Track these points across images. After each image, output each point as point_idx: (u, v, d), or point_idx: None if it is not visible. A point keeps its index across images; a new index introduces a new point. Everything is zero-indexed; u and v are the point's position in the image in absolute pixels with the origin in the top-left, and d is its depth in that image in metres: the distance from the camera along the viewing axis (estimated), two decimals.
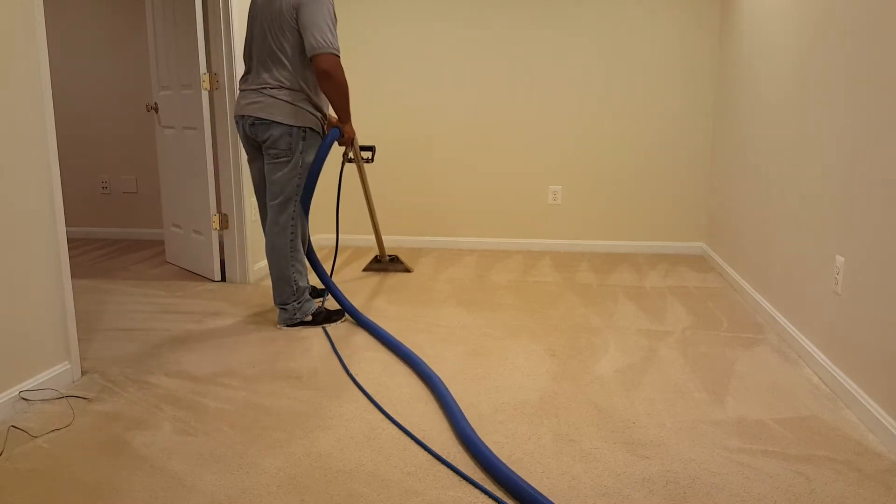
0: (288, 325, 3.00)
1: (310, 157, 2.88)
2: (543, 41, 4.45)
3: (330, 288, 3.08)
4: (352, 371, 2.51)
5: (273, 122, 2.78)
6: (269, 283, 3.79)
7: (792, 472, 1.81)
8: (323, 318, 3.04)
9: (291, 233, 2.91)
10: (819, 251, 2.53)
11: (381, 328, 2.90)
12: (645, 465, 1.85)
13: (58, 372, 2.36)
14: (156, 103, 4.07)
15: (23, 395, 2.20)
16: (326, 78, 2.73)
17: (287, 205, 2.88)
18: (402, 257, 4.32)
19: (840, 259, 2.33)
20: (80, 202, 5.09)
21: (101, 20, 4.84)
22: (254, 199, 3.85)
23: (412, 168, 4.65)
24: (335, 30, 2.75)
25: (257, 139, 2.85)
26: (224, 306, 3.34)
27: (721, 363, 2.59)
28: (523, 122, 4.55)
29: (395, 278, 3.89)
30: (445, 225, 4.73)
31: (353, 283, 3.77)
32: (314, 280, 3.74)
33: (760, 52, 3.37)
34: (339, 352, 2.71)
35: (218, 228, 3.76)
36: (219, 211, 3.83)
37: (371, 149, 3.70)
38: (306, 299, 3.01)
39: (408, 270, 4.06)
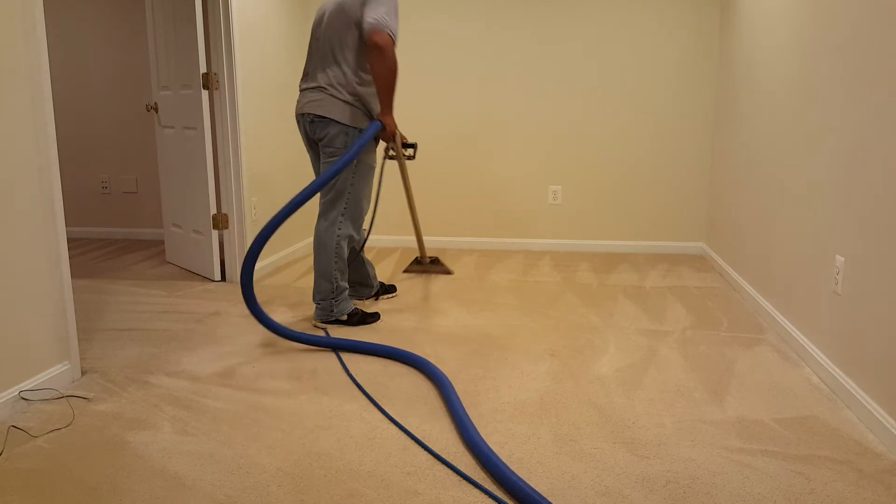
0: (323, 322, 3.01)
1: (367, 158, 2.94)
2: (543, 42, 4.45)
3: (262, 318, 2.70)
4: (352, 371, 2.51)
5: (331, 120, 2.85)
6: (268, 282, 3.79)
7: (792, 472, 1.81)
8: (358, 319, 3.04)
9: (339, 230, 2.95)
10: (819, 251, 2.53)
11: (356, 341, 2.73)
12: (645, 465, 1.85)
13: (58, 372, 2.36)
14: (156, 103, 4.07)
15: (23, 395, 2.20)
16: (378, 54, 2.69)
17: (338, 202, 2.94)
18: (404, 260, 4.33)
19: (840, 259, 2.33)
20: (80, 202, 5.09)
21: (101, 20, 4.84)
22: (254, 199, 3.85)
23: (411, 168, 4.64)
24: (397, 21, 2.75)
25: (315, 136, 2.93)
26: (224, 306, 3.34)
27: (721, 363, 2.59)
28: (523, 122, 4.55)
29: (399, 276, 3.89)
30: (445, 224, 4.73)
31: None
32: (381, 276, 3.85)
33: (760, 51, 3.37)
34: (339, 352, 2.71)
35: (218, 228, 3.77)
36: (218, 211, 3.83)
37: (413, 146, 3.58)
38: (344, 299, 3.02)
39: (448, 272, 4.00)
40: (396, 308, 3.30)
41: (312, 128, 2.91)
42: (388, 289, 3.50)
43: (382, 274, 3.99)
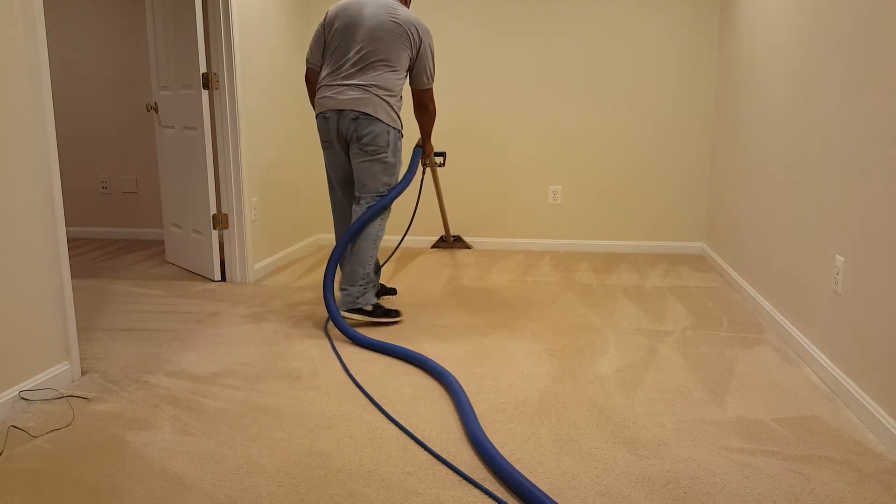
0: (347, 310, 3.00)
1: (399, 156, 3.07)
2: (542, 41, 4.45)
3: (326, 297, 2.95)
4: (352, 371, 2.51)
5: (377, 118, 2.91)
6: (269, 282, 3.79)
7: (792, 472, 1.81)
8: (381, 313, 3.05)
9: (380, 221, 3.03)
10: (819, 251, 2.53)
11: (379, 341, 2.77)
12: (645, 465, 1.85)
13: (58, 372, 2.36)
14: (156, 103, 4.07)
15: (23, 395, 2.20)
16: (424, 108, 3.13)
17: (377, 196, 3.03)
18: (404, 258, 4.35)
19: (840, 259, 2.33)
20: (80, 202, 5.09)
21: (101, 20, 4.84)
22: (254, 199, 3.85)
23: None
24: None
25: (356, 133, 2.93)
26: (224, 306, 3.34)
27: (721, 363, 2.59)
28: (523, 123, 4.55)
29: (399, 277, 3.89)
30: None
31: None
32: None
33: (760, 51, 3.37)
34: (339, 352, 2.71)
35: (218, 228, 3.77)
36: (218, 210, 3.83)
37: (442, 154, 4.36)
38: (371, 289, 3.03)
39: (468, 247, 4.73)
40: (397, 308, 3.30)
41: (355, 124, 2.91)
42: (389, 291, 3.50)
43: (383, 273, 3.99)
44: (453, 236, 4.72)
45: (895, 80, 2.01)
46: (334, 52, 2.98)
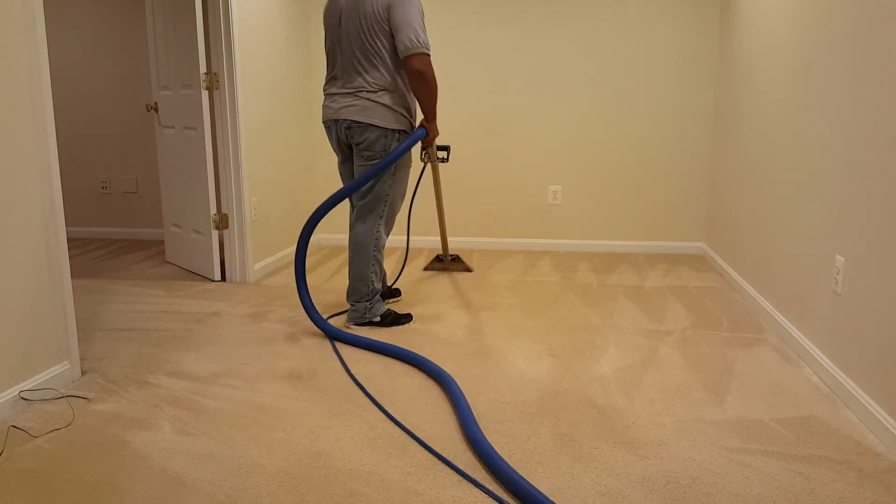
0: (357, 325, 3.00)
1: (405, 160, 2.93)
2: (542, 41, 4.45)
3: (303, 298, 2.90)
4: (352, 371, 2.51)
5: (370, 124, 2.81)
6: (269, 282, 3.79)
7: (792, 472, 1.81)
8: (391, 320, 3.03)
9: (377, 233, 2.94)
10: (819, 251, 2.53)
11: (361, 337, 2.80)
12: (645, 465, 1.85)
13: (58, 372, 2.36)
14: (156, 103, 4.07)
15: (23, 395, 2.20)
16: (419, 78, 2.75)
17: (376, 205, 2.92)
18: (400, 257, 4.35)
19: (840, 259, 2.33)
20: (80, 202, 5.09)
21: (102, 20, 4.84)
22: (254, 199, 3.85)
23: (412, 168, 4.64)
24: (425, 27, 2.76)
25: (352, 141, 2.88)
26: (224, 306, 3.34)
27: (721, 363, 2.59)
28: (523, 123, 4.55)
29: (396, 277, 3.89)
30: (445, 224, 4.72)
31: None
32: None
33: (760, 51, 3.37)
34: (339, 352, 2.71)
35: (218, 228, 3.77)
36: (218, 210, 3.83)
37: (446, 148, 3.79)
38: (377, 301, 3.01)
39: (468, 270, 4.09)
40: (399, 309, 3.29)
41: (350, 133, 2.86)
42: (394, 292, 3.50)
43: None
44: (451, 256, 4.20)
45: (895, 80, 2.01)
46: (328, 55, 2.94)
